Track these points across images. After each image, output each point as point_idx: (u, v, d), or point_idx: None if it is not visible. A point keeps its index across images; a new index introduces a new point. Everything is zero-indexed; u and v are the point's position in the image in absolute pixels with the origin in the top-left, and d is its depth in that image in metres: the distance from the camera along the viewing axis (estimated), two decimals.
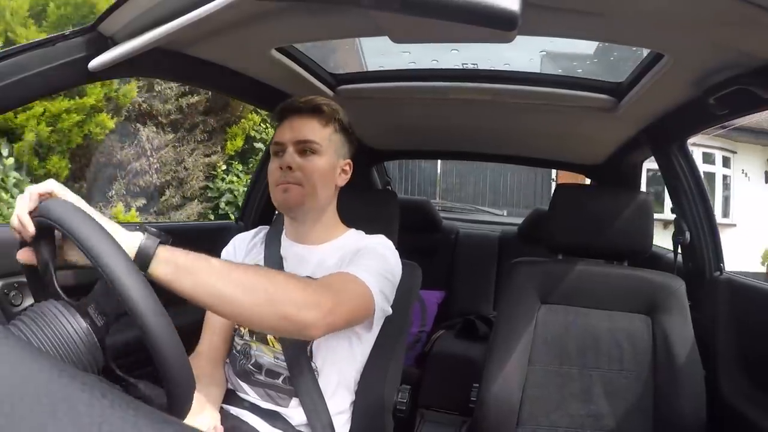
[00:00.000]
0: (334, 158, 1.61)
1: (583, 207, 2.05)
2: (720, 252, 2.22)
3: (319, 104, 1.59)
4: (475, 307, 3.49)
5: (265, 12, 1.44)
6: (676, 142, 2.24)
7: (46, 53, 1.30)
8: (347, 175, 1.69)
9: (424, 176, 12.46)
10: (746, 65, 1.44)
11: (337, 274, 1.43)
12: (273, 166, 1.59)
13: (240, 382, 1.57)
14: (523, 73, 2.10)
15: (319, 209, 1.62)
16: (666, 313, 1.90)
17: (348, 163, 1.68)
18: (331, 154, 1.60)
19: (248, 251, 1.72)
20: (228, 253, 1.75)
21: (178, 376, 0.89)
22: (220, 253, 1.74)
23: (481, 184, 12.63)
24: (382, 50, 1.99)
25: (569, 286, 1.98)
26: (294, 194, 1.54)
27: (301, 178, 1.54)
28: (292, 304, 1.18)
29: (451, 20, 0.89)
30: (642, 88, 1.83)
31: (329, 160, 1.59)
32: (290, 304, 1.18)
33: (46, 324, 0.89)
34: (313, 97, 1.63)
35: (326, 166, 1.58)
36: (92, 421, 0.41)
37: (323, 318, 1.23)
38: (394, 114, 2.59)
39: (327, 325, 1.26)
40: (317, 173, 1.55)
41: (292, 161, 1.54)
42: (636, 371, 1.88)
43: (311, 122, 1.58)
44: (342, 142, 1.65)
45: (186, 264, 1.08)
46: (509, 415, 1.84)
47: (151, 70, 1.74)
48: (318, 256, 1.61)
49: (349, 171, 1.69)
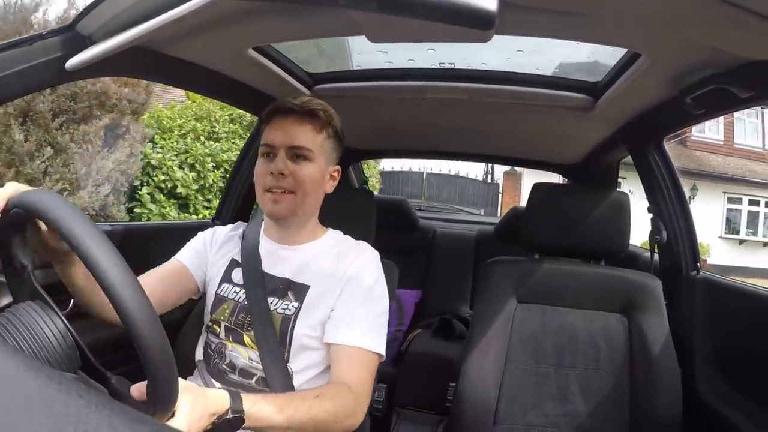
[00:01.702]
0: (324, 165, 1.58)
1: (559, 206, 2.05)
2: (696, 251, 2.24)
3: (315, 108, 1.55)
4: (452, 306, 3.51)
5: (243, 11, 1.43)
6: (653, 142, 2.25)
7: (23, 53, 1.28)
8: (335, 181, 1.65)
9: (412, 181, 18.73)
10: (723, 64, 1.45)
11: (348, 359, 1.45)
12: (262, 168, 1.54)
13: (212, 380, 1.55)
14: (499, 73, 2.10)
15: (307, 216, 1.61)
16: (642, 312, 1.91)
17: (336, 169, 1.65)
18: (322, 160, 1.56)
19: (222, 244, 1.70)
20: (205, 241, 1.72)
21: (163, 373, 0.87)
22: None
23: (453, 190, 18.70)
24: (359, 50, 1.98)
25: (546, 285, 1.98)
26: (286, 205, 1.51)
27: (292, 184, 1.50)
28: (333, 423, 1.32)
29: (429, 19, 0.88)
30: (619, 88, 1.84)
31: (320, 166, 1.56)
32: (333, 425, 1.32)
33: (22, 324, 0.88)
34: (308, 99, 1.58)
35: (317, 174, 1.55)
36: (69, 421, 0.41)
37: (359, 415, 1.39)
38: (371, 113, 2.58)
39: (362, 413, 1.41)
40: (309, 181, 1.52)
41: (285, 167, 1.50)
42: (612, 370, 1.89)
43: (305, 127, 1.54)
44: (333, 148, 1.61)
45: (260, 415, 1.18)
46: (486, 414, 1.84)
47: (128, 70, 1.72)
48: (298, 258, 1.59)
49: (337, 177, 1.66)
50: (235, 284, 1.60)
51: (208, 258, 1.69)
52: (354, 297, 1.50)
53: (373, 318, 1.51)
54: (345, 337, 1.46)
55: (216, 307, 1.59)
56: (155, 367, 0.85)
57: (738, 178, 19.37)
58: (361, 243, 1.68)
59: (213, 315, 1.59)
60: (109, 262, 0.83)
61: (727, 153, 19.93)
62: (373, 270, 1.58)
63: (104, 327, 1.34)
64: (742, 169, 19.67)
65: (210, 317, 1.60)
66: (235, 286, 1.59)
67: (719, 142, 20.00)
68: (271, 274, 1.57)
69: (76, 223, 0.85)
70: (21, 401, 0.41)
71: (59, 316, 0.93)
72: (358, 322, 1.47)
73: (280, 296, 1.53)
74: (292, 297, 1.52)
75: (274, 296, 1.53)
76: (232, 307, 1.56)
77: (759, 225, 20.19)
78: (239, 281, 1.59)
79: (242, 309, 1.54)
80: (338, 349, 1.46)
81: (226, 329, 1.56)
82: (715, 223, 19.18)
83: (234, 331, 1.54)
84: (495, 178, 19.66)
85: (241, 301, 1.55)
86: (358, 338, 1.45)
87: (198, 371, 1.62)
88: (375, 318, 1.52)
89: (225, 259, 1.66)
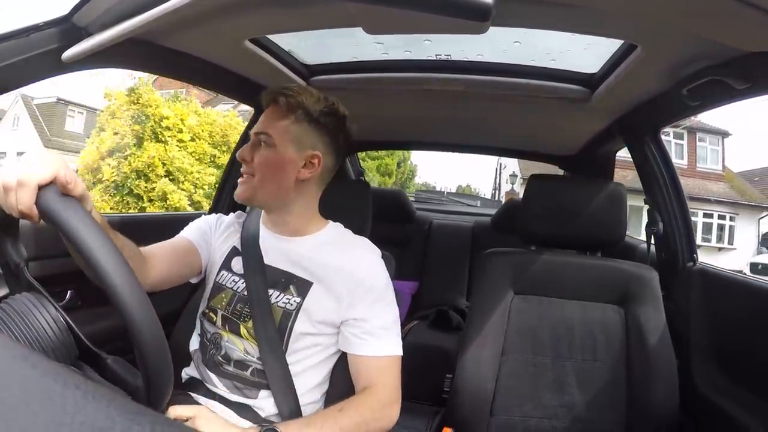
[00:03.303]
0: (292, 150, 1.51)
1: (556, 198, 2.04)
2: (693, 242, 2.24)
3: (278, 94, 1.53)
4: (449, 297, 3.51)
5: (239, 3, 1.43)
6: (649, 133, 2.25)
7: (18, 44, 1.28)
8: (316, 167, 1.55)
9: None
10: (719, 56, 1.45)
11: (374, 369, 1.49)
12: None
13: (208, 372, 1.54)
14: (496, 64, 2.10)
15: (280, 203, 1.57)
16: (639, 303, 1.91)
17: (316, 155, 1.54)
18: (287, 145, 1.51)
19: (225, 230, 1.70)
20: (210, 224, 1.73)
21: (158, 365, 0.87)
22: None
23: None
24: (355, 41, 1.97)
25: (542, 276, 1.98)
26: (244, 188, 1.53)
27: (252, 169, 1.52)
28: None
29: (425, 11, 0.88)
30: (615, 79, 1.84)
31: (284, 152, 1.51)
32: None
33: (18, 315, 0.89)
34: (280, 87, 1.56)
35: (276, 159, 1.51)
36: (66, 412, 0.41)
37: (392, 416, 1.46)
38: (368, 105, 2.57)
39: (395, 414, 1.47)
40: (265, 165, 1.51)
41: (247, 154, 1.53)
42: (609, 361, 1.90)
43: (271, 113, 1.55)
44: (307, 133, 1.53)
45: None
46: (482, 405, 1.84)
47: (124, 61, 1.71)
48: (299, 250, 1.57)
49: (318, 164, 1.55)
50: (234, 273, 1.59)
51: (212, 241, 1.68)
52: (372, 306, 1.51)
53: (391, 324, 1.53)
54: (369, 349, 1.48)
55: (213, 295, 1.59)
56: (148, 354, 0.86)
57: (694, 197, 22.57)
58: (364, 240, 1.66)
59: (210, 302, 1.59)
60: (101, 248, 0.83)
61: (689, 175, 23.83)
62: (383, 273, 1.59)
63: (101, 318, 1.34)
64: (701, 189, 23.94)
65: (207, 304, 1.60)
66: (234, 275, 1.59)
67: (683, 165, 23.96)
68: (272, 266, 1.56)
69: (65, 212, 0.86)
70: (18, 392, 0.41)
71: (54, 307, 0.93)
72: (378, 331, 1.49)
73: (281, 290, 1.52)
74: (294, 292, 1.51)
75: (275, 289, 1.52)
76: (230, 297, 1.55)
77: (713, 233, 24.62)
78: (239, 270, 1.58)
79: (240, 299, 1.53)
80: (362, 360, 1.48)
81: (222, 318, 1.55)
82: None
83: (231, 321, 1.54)
84: (500, 195, 20.80)
85: (240, 291, 1.54)
86: (381, 347, 1.48)
87: (194, 363, 1.62)
88: (393, 323, 1.54)
89: (227, 245, 1.66)
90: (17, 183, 0.89)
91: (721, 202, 24.29)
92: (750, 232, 24.56)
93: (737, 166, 27.07)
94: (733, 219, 24.83)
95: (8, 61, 1.25)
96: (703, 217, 24.27)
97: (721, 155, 25.74)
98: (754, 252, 23.34)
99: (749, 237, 24.41)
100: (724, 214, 24.67)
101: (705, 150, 25.41)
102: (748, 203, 24.61)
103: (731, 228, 24.84)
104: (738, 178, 26.01)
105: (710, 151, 25.55)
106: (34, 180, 0.89)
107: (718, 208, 24.42)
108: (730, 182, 25.41)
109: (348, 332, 1.50)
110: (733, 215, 24.74)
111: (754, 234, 24.51)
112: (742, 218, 24.75)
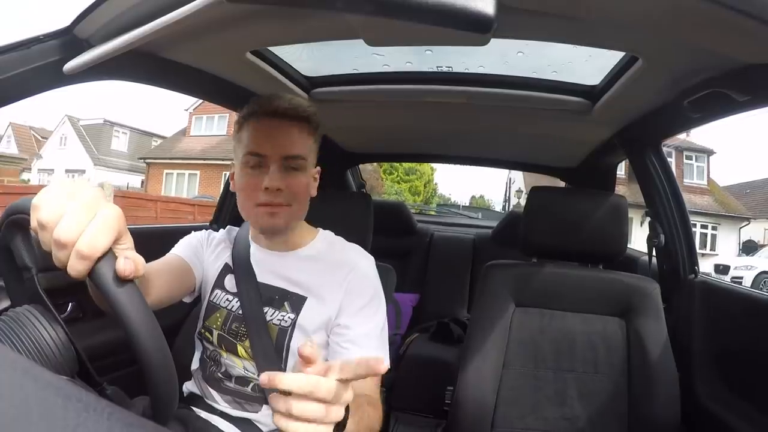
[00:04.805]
0: (312, 169, 1.52)
1: (557, 210, 2.04)
2: (695, 254, 2.24)
3: (306, 112, 1.47)
4: (450, 309, 3.51)
5: (240, 15, 1.42)
6: (650, 146, 2.25)
7: (20, 56, 1.27)
8: (317, 182, 1.57)
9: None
10: (721, 68, 1.44)
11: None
12: (252, 181, 1.44)
13: (209, 388, 1.53)
14: (497, 76, 2.09)
15: (298, 223, 1.57)
16: (640, 315, 1.90)
17: (318, 171, 1.57)
18: (311, 166, 1.51)
19: (215, 247, 1.66)
20: (200, 240, 1.67)
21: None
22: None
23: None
24: (356, 53, 1.98)
25: (544, 289, 1.98)
26: (284, 219, 1.45)
27: (289, 198, 1.44)
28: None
29: (426, 23, 0.87)
30: (616, 92, 1.84)
31: (311, 173, 1.51)
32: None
33: (20, 327, 0.88)
34: (297, 101, 1.49)
35: (307, 183, 1.49)
36: (67, 425, 0.41)
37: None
38: (369, 117, 2.57)
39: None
40: (304, 192, 1.47)
41: (281, 183, 1.41)
42: (610, 374, 1.89)
43: (293, 132, 1.45)
44: (316, 150, 1.54)
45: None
46: (484, 417, 1.83)
47: (125, 73, 1.71)
48: (291, 264, 1.54)
49: (318, 178, 1.58)
50: (228, 292, 1.56)
51: (204, 258, 1.63)
52: (357, 314, 1.46)
53: (378, 332, 1.48)
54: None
55: (208, 315, 1.56)
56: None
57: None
58: (355, 247, 1.63)
59: (206, 322, 1.56)
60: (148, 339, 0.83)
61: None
62: (373, 280, 1.54)
63: (101, 332, 1.34)
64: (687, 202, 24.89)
65: (203, 323, 1.58)
66: (228, 293, 1.55)
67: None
68: (265, 284, 1.53)
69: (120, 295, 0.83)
70: (19, 405, 0.41)
71: (59, 321, 0.92)
72: (361, 340, 1.43)
73: (276, 307, 1.49)
74: (289, 308, 1.49)
75: (270, 306, 1.49)
76: (225, 316, 1.53)
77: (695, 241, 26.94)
78: (232, 288, 1.55)
79: (236, 318, 1.51)
80: None
81: (219, 337, 1.53)
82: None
83: (227, 341, 1.51)
84: (510, 208, 21.54)
85: (234, 310, 1.51)
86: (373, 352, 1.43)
87: (194, 378, 1.61)
88: (380, 331, 1.48)
89: (219, 262, 1.62)
90: (76, 253, 0.76)
91: (705, 213, 27.97)
92: (731, 240, 28.68)
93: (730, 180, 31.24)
94: (716, 228, 28.75)
95: (10, 72, 1.25)
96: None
97: (707, 171, 29.75)
98: (734, 257, 25.51)
99: (731, 244, 28.43)
100: (706, 224, 28.36)
101: (692, 167, 29.23)
102: (729, 214, 28.63)
103: (713, 236, 28.70)
104: (721, 191, 30.28)
105: (696, 168, 29.43)
106: (96, 254, 0.78)
107: (702, 219, 27.81)
108: (714, 195, 29.36)
109: (332, 340, 1.46)
110: (715, 225, 28.69)
111: (735, 241, 28.73)
112: (724, 228, 28.81)
